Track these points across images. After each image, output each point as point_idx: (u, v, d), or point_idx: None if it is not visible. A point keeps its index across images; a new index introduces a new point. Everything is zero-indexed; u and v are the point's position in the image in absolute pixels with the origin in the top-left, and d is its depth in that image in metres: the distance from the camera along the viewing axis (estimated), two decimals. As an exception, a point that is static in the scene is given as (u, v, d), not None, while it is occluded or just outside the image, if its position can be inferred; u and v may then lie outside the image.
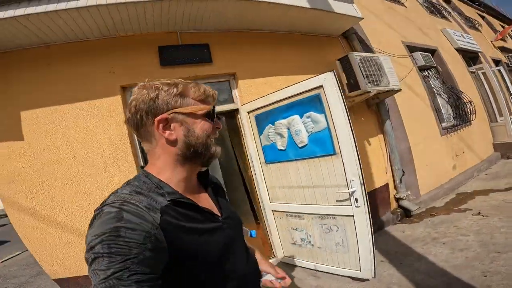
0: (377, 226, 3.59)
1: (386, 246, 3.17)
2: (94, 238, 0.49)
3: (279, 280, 0.86)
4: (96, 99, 2.57)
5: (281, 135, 2.62)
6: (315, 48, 3.79)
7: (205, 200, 0.76)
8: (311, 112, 2.35)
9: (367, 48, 4.36)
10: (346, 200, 2.25)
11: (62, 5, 2.11)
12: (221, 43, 3.12)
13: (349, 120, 2.14)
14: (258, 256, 0.92)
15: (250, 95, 3.08)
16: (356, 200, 2.19)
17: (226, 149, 3.43)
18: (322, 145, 2.33)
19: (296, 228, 2.73)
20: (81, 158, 2.51)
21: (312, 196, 2.51)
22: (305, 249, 2.73)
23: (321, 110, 2.28)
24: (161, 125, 0.65)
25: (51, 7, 2.09)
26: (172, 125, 0.66)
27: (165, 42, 2.85)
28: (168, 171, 0.68)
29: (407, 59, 5.01)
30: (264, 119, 2.78)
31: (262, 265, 0.89)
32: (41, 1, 2.09)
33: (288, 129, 2.54)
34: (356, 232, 2.28)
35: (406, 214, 3.88)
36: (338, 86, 2.17)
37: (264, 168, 2.90)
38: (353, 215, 2.25)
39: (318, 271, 2.69)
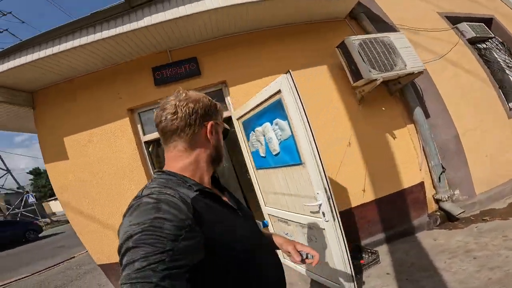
0: (405, 231, 3.14)
1: (406, 256, 2.76)
2: (133, 227, 0.50)
3: (310, 256, 0.90)
4: (110, 122, 3.13)
5: (260, 142, 2.60)
6: (316, 37, 3.45)
7: (222, 196, 0.81)
8: (278, 119, 2.25)
9: (385, 26, 3.72)
10: (317, 212, 2.10)
11: (76, 42, 2.61)
12: (208, 53, 3.23)
13: (309, 128, 1.95)
14: (281, 238, 0.99)
15: (245, 100, 3.11)
16: (323, 214, 2.02)
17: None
18: (291, 154, 2.20)
19: (287, 234, 2.69)
20: (107, 170, 3.13)
21: (292, 204, 2.43)
22: (296, 255, 2.67)
23: (285, 117, 2.16)
24: (213, 129, 0.77)
25: (76, 42, 2.62)
26: (213, 132, 0.78)
27: (158, 62, 3.18)
28: (192, 169, 0.73)
29: (448, 32, 4.01)
30: (247, 126, 2.80)
31: (289, 247, 0.93)
32: (62, 38, 2.63)
33: (264, 136, 2.51)
34: (329, 246, 2.11)
35: (449, 218, 3.22)
36: (295, 90, 2.00)
37: (256, 173, 2.93)
38: (324, 228, 2.09)
39: (311, 278, 2.61)
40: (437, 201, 3.31)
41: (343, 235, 2.00)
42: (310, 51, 3.37)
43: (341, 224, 1.99)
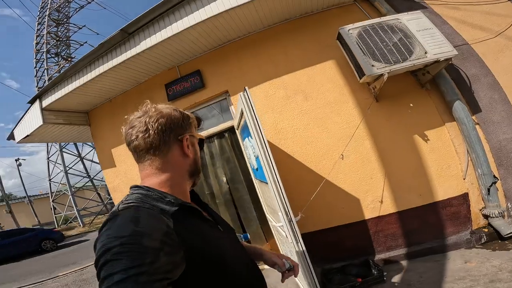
0: (435, 248, 2.67)
1: (418, 277, 2.39)
2: (111, 240, 0.48)
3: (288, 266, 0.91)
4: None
5: (249, 155, 2.64)
6: (318, 30, 3.07)
7: (203, 211, 0.78)
8: (250, 136, 2.23)
9: (410, 4, 3.04)
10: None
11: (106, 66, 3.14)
12: (210, 64, 3.33)
13: (266, 151, 1.87)
14: (263, 251, 0.97)
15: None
16: (286, 235, 1.94)
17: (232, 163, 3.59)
18: (261, 171, 2.17)
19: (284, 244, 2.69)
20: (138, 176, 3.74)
21: (278, 218, 2.40)
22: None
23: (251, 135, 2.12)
24: (188, 143, 0.74)
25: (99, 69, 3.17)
26: (189, 145, 0.75)
27: (169, 79, 3.47)
28: (170, 185, 0.69)
29: (505, 5, 2.92)
30: (242, 137, 2.85)
31: (273, 257, 0.93)
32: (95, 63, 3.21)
33: (247, 150, 2.53)
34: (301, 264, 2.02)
35: (499, 236, 2.54)
36: (251, 109, 1.93)
37: (256, 181, 2.97)
38: (294, 247, 2.01)
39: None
40: (486, 216, 2.62)
41: (307, 259, 1.89)
42: (311, 46, 3.06)
43: (304, 248, 1.88)
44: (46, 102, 3.50)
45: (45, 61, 19.83)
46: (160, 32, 2.92)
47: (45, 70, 19.66)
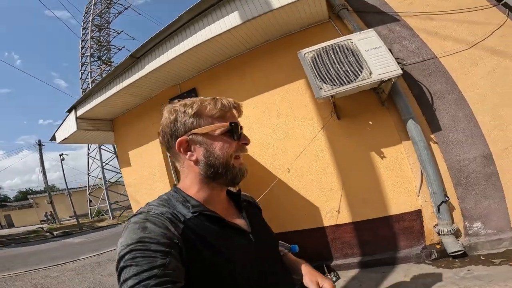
0: (386, 260, 2.85)
1: (358, 286, 2.62)
2: (122, 248, 0.51)
3: None
4: (148, 143, 4.39)
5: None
6: (295, 49, 3.12)
7: (234, 216, 0.75)
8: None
9: (382, 18, 3.17)
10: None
11: (124, 83, 3.88)
12: (205, 82, 3.87)
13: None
14: (306, 268, 0.85)
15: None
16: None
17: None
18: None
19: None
20: (149, 175, 4.48)
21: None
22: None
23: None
24: (182, 148, 0.67)
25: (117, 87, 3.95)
26: (192, 146, 0.67)
27: (172, 95, 4.10)
28: (195, 188, 0.69)
29: (486, 12, 2.89)
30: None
31: (309, 284, 0.79)
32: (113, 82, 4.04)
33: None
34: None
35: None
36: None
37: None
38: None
39: None
40: (439, 233, 2.71)
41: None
42: (286, 65, 3.38)
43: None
44: (80, 112, 4.42)
45: (89, 64, 21.69)
46: (159, 58, 3.56)
47: (89, 73, 21.49)
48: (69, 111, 4.53)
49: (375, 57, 2.54)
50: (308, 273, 0.81)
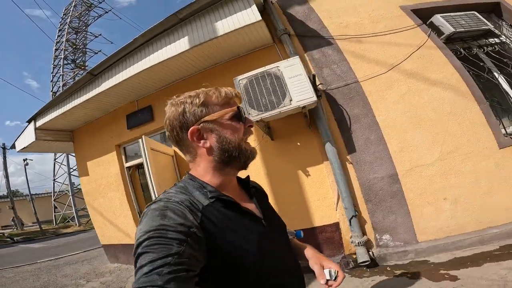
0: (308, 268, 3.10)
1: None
2: (141, 234, 0.52)
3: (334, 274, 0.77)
4: (106, 154, 4.58)
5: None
6: (242, 71, 3.33)
7: (246, 203, 0.76)
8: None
9: (319, 42, 3.51)
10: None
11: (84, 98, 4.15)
12: (160, 101, 4.13)
13: (151, 181, 2.58)
14: (309, 254, 0.88)
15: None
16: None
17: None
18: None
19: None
20: (104, 183, 4.63)
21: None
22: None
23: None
24: (194, 137, 0.69)
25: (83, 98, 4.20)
26: (205, 134, 0.69)
27: (130, 110, 4.35)
28: (209, 175, 0.71)
29: (410, 32, 3.34)
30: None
31: (315, 266, 0.82)
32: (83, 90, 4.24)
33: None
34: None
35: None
36: (146, 156, 2.66)
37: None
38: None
39: None
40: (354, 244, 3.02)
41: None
42: (233, 88, 3.70)
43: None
44: (39, 122, 4.56)
45: (61, 67, 21.23)
46: (116, 76, 3.82)
47: (61, 76, 21.06)
48: (29, 121, 4.67)
49: (296, 84, 2.81)
50: (313, 257, 0.86)
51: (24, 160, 19.68)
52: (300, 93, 2.81)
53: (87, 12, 23.66)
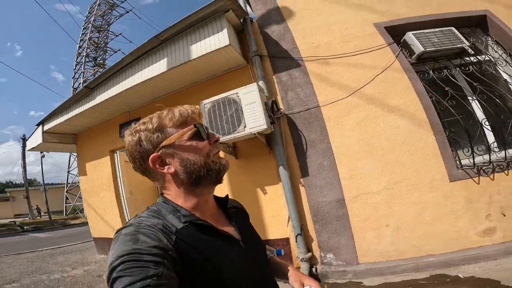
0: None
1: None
2: (114, 259, 0.51)
3: None
4: (102, 158, 5.12)
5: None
6: (218, 92, 3.45)
7: (223, 224, 0.75)
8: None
9: (290, 63, 3.63)
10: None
11: (90, 104, 4.67)
12: (148, 114, 4.47)
13: (122, 196, 3.00)
14: (290, 271, 0.90)
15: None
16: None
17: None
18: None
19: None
20: (100, 184, 5.19)
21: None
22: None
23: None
24: (156, 164, 0.67)
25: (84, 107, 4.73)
26: (166, 159, 0.67)
27: (122, 120, 4.83)
28: (181, 199, 0.69)
29: (379, 52, 3.36)
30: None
31: (294, 283, 0.85)
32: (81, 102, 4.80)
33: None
34: None
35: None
36: (116, 165, 3.08)
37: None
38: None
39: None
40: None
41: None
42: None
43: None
44: (47, 127, 5.17)
45: (83, 64, 22.15)
46: (107, 91, 4.29)
47: (82, 73, 21.94)
48: (38, 125, 5.30)
49: (251, 111, 3.02)
50: (293, 275, 0.87)
51: (41, 152, 20.94)
52: (253, 120, 3.02)
53: (110, 11, 24.53)
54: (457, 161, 3.01)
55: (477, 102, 3.25)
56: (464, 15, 3.57)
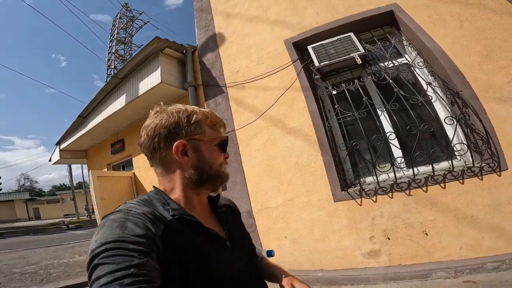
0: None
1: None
2: (98, 246, 0.50)
3: None
4: (103, 169, 6.32)
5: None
6: None
7: (212, 222, 0.76)
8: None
9: (216, 89, 3.94)
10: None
11: (97, 120, 5.94)
12: (127, 136, 5.54)
13: (96, 206, 3.95)
14: (281, 275, 0.86)
15: (139, 167, 5.31)
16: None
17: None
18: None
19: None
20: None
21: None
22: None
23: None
24: (179, 151, 0.68)
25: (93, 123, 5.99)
26: (188, 151, 0.69)
27: (112, 141, 5.93)
28: (177, 192, 0.70)
29: (285, 71, 3.50)
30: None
31: (294, 281, 0.81)
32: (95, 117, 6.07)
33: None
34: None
35: None
36: (90, 182, 4.04)
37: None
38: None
39: None
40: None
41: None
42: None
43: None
44: (62, 146, 6.61)
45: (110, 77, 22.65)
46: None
47: None
48: (57, 144, 6.78)
49: None
50: (285, 278, 0.84)
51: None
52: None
53: (131, 23, 25.58)
54: (344, 181, 3.14)
55: (385, 114, 3.16)
56: (370, 14, 3.26)
